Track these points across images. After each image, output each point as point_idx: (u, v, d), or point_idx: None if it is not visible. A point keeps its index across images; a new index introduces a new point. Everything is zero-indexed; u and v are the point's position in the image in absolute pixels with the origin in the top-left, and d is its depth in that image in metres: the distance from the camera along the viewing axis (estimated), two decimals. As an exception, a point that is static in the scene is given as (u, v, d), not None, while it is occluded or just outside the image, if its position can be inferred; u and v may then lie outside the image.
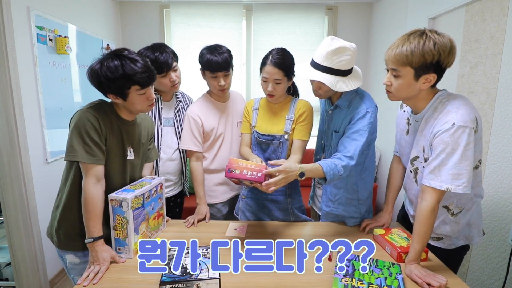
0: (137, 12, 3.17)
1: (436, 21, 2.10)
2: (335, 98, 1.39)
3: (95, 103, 1.18)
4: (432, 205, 1.05)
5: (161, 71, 1.49)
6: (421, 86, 1.07)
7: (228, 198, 1.72)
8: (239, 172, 1.13)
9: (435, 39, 1.00)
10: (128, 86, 1.12)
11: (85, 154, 1.10)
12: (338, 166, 1.22)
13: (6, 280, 2.15)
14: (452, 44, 1.03)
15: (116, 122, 1.20)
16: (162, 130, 1.63)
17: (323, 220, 1.53)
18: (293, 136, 1.47)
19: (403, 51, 1.02)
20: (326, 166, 1.21)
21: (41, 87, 2.04)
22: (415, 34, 1.03)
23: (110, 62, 1.09)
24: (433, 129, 1.06)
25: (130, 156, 1.27)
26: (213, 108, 1.62)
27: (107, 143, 1.17)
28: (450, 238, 1.21)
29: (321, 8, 3.11)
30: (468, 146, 0.99)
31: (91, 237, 1.12)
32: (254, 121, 1.54)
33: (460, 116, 1.00)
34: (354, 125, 1.29)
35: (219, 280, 0.98)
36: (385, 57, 1.11)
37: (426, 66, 1.02)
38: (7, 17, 1.76)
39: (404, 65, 1.04)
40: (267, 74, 1.40)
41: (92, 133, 1.11)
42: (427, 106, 1.12)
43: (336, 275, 1.04)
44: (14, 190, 1.89)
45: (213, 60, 1.46)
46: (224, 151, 1.65)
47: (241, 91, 3.26)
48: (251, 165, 1.16)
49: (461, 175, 1.00)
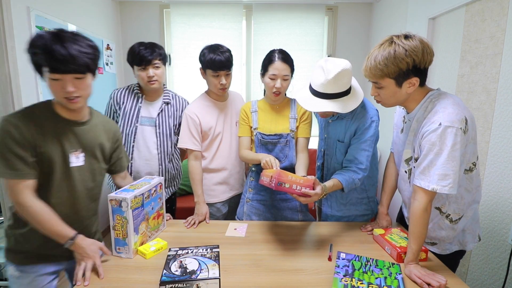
0: (137, 12, 3.17)
1: (436, 21, 2.10)
2: None
3: (24, 108, 1.04)
4: (423, 205, 1.05)
5: (139, 63, 1.54)
6: (407, 90, 1.07)
7: (228, 198, 1.71)
8: (288, 186, 1.15)
9: (404, 45, 1.00)
10: (39, 64, 0.98)
11: (6, 170, 0.98)
12: (356, 180, 1.33)
13: (6, 280, 2.15)
14: (424, 44, 1.01)
15: (52, 125, 1.05)
16: (137, 128, 1.63)
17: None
18: (298, 134, 1.54)
19: (376, 65, 1.03)
20: (345, 181, 1.30)
21: (41, 87, 2.04)
22: (385, 44, 1.03)
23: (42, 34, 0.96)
24: (422, 129, 1.06)
25: (77, 163, 1.10)
26: (212, 107, 1.62)
27: (39, 152, 1.01)
28: (444, 243, 1.21)
29: (321, 8, 3.11)
30: (455, 147, 0.99)
31: (69, 240, 1.06)
32: (255, 123, 1.53)
33: (446, 115, 1.00)
34: (362, 136, 1.34)
35: (219, 280, 0.98)
36: (363, 72, 1.11)
37: (404, 73, 1.02)
38: (7, 17, 1.76)
39: (381, 77, 1.05)
40: (276, 71, 1.42)
41: (12, 145, 0.97)
42: (417, 106, 1.12)
43: (336, 275, 1.04)
44: (14, 190, 1.89)
45: (216, 59, 1.47)
46: (223, 150, 1.65)
47: (241, 91, 3.25)
48: (300, 179, 1.18)
49: (447, 175, 1.00)
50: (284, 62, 1.42)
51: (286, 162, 1.52)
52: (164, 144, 1.67)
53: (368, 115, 1.34)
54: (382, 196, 1.43)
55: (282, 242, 1.32)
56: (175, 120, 1.71)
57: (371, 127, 1.34)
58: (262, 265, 1.14)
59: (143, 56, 1.53)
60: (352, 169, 1.34)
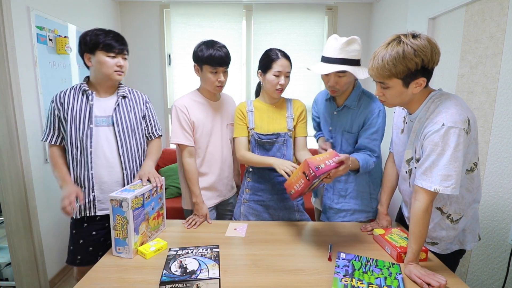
0: (137, 12, 3.17)
1: (436, 21, 2.10)
2: (342, 98, 1.45)
3: None
4: (425, 206, 1.04)
5: (110, 49, 1.36)
6: (413, 91, 1.06)
7: (215, 204, 1.63)
8: (324, 166, 1.14)
9: (412, 44, 0.98)
10: None
11: None
12: (370, 162, 1.36)
13: (6, 280, 2.15)
14: (432, 44, 1.00)
15: None
16: (92, 131, 1.39)
17: (332, 218, 1.54)
18: (296, 134, 1.55)
19: (384, 64, 1.00)
20: (362, 160, 1.34)
21: (41, 87, 2.04)
22: (392, 43, 1.01)
23: None
24: (424, 130, 1.06)
25: None
26: (203, 104, 1.55)
27: None
28: (445, 243, 1.21)
29: (321, 8, 3.11)
30: (458, 147, 0.98)
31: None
32: (251, 123, 1.52)
33: (450, 116, 0.99)
34: (372, 125, 1.38)
35: (219, 280, 0.98)
36: (368, 71, 1.10)
37: (412, 73, 1.01)
38: (7, 17, 1.76)
39: (389, 77, 1.03)
40: (281, 68, 1.43)
41: None
42: (420, 106, 1.11)
43: (336, 275, 1.04)
44: (14, 190, 1.89)
45: (216, 54, 1.43)
46: (213, 153, 1.57)
47: (241, 91, 3.26)
48: (325, 155, 1.20)
49: (450, 176, 0.99)
50: (287, 59, 1.46)
51: None
52: (127, 145, 1.45)
53: (375, 104, 1.38)
54: (382, 196, 1.43)
55: (282, 242, 1.32)
56: (137, 114, 1.50)
57: (379, 116, 1.37)
58: (262, 265, 1.14)
59: (112, 43, 1.36)
60: (367, 153, 1.38)
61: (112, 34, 1.39)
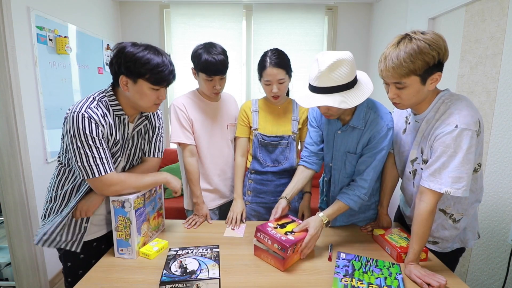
0: (137, 12, 3.17)
1: (436, 21, 2.10)
2: (346, 117, 1.27)
3: None
4: (430, 207, 1.04)
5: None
6: (429, 87, 1.04)
7: (217, 206, 1.63)
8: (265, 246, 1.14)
9: (425, 39, 0.97)
10: None
11: None
12: (362, 196, 1.24)
13: (6, 280, 2.15)
14: (442, 38, 1.00)
15: None
16: None
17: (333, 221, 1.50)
18: (301, 137, 1.52)
19: (401, 62, 0.97)
20: (353, 203, 1.24)
21: (41, 87, 2.04)
22: (404, 41, 0.99)
23: None
24: (435, 131, 1.05)
25: None
26: (201, 104, 1.54)
27: None
28: (446, 242, 1.21)
29: (321, 8, 3.11)
30: (470, 150, 0.98)
31: None
32: (255, 123, 1.51)
33: (463, 118, 0.99)
34: (377, 145, 1.22)
35: (219, 280, 0.98)
36: (381, 73, 1.05)
37: (430, 68, 0.99)
38: (7, 17, 1.76)
39: (407, 75, 0.99)
40: (270, 77, 1.39)
41: None
42: (429, 107, 1.10)
43: (336, 275, 1.04)
44: (14, 190, 1.89)
45: (212, 63, 1.38)
46: (213, 154, 1.56)
47: (241, 91, 3.25)
48: (282, 235, 1.14)
49: (462, 178, 0.99)
50: (277, 67, 1.38)
51: (286, 164, 1.52)
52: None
53: (383, 121, 1.20)
54: (382, 197, 1.42)
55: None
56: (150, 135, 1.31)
57: (387, 136, 1.20)
58: (262, 265, 1.14)
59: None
60: (357, 184, 1.25)
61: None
